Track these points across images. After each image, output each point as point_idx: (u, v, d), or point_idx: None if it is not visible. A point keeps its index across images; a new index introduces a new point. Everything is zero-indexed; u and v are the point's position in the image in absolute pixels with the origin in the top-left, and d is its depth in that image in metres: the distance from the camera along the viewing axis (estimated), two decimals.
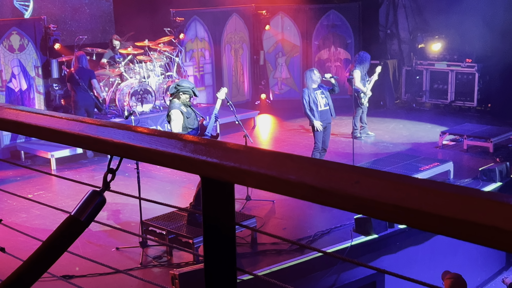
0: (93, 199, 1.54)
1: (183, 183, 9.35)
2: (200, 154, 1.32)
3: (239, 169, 1.25)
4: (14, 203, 8.51)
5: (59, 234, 1.49)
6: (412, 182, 1.08)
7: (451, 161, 9.07)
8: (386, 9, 15.44)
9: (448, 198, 1.02)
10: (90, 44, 12.27)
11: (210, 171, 1.30)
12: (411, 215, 1.04)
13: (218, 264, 1.34)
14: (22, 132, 1.81)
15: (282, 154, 1.26)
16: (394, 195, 1.06)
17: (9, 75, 10.98)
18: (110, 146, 1.48)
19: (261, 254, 6.82)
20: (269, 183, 1.22)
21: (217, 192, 1.35)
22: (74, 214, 1.52)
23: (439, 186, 1.06)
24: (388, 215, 1.08)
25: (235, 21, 14.22)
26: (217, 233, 1.34)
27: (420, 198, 1.04)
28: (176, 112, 6.95)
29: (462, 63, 13.85)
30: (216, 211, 1.35)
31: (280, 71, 14.92)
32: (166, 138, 1.42)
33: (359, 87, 11.31)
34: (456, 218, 0.99)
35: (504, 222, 0.96)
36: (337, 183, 1.11)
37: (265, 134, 12.83)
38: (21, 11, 11.93)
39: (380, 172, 1.13)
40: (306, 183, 1.14)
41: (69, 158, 10.50)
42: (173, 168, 1.41)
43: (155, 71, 12.00)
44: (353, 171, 1.13)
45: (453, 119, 13.06)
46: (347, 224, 7.44)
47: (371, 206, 1.08)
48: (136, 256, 6.78)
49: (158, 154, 1.39)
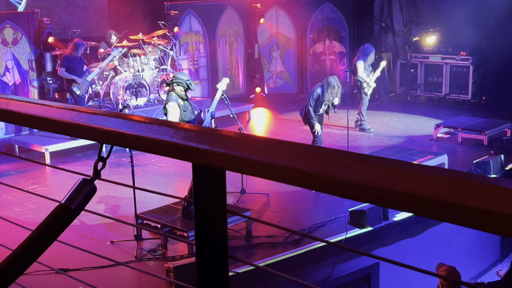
0: (84, 187, 1.53)
1: (178, 176, 9.33)
2: (191, 141, 1.31)
3: (230, 156, 1.24)
4: (8, 197, 8.49)
5: (49, 223, 1.47)
6: (403, 167, 1.08)
7: (445, 154, 9.08)
8: (380, 2, 15.41)
9: (440, 182, 1.01)
10: (83, 37, 12.20)
11: (201, 158, 1.29)
12: (403, 199, 1.03)
13: (209, 251, 1.33)
14: (13, 121, 1.79)
15: (273, 140, 1.25)
16: (385, 179, 1.06)
17: (2, 69, 10.93)
18: (101, 134, 1.46)
19: (256, 247, 6.82)
20: (260, 169, 1.21)
21: (208, 179, 1.34)
22: (64, 202, 1.51)
23: (431, 170, 1.05)
24: (380, 200, 1.07)
25: (229, 14, 14.18)
26: (209, 220, 1.33)
27: (411, 182, 1.03)
28: (173, 104, 6.90)
29: (456, 56, 13.85)
30: (208, 198, 1.34)
31: (275, 64, 14.90)
32: (157, 126, 1.41)
33: (362, 77, 11.29)
34: (448, 202, 0.99)
35: (497, 205, 0.95)
36: (328, 168, 1.11)
37: (260, 127, 12.82)
38: (15, 5, 11.86)
39: (371, 157, 1.12)
40: (298, 168, 1.13)
41: (64, 152, 10.47)
42: (164, 156, 1.39)
43: (149, 65, 11.96)
44: (345, 156, 1.12)
45: (447, 112, 13.07)
46: (342, 217, 7.45)
47: (363, 190, 1.07)
48: (130, 250, 6.77)
49: (149, 141, 1.38)
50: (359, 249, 6.40)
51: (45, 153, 10.18)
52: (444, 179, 1.02)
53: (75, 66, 10.63)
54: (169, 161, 9.77)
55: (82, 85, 10.65)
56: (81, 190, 1.52)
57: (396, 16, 15.37)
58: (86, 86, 10.76)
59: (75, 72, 10.63)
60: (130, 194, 7.45)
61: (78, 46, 10.61)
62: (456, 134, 10.89)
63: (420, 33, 14.56)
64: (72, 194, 1.52)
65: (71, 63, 10.60)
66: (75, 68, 10.64)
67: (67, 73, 10.58)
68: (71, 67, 10.60)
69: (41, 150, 10.28)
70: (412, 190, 1.02)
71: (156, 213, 6.99)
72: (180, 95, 6.96)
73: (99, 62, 11.50)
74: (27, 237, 1.48)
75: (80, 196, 1.51)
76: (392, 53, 15.14)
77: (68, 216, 1.49)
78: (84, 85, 10.69)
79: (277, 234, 7.00)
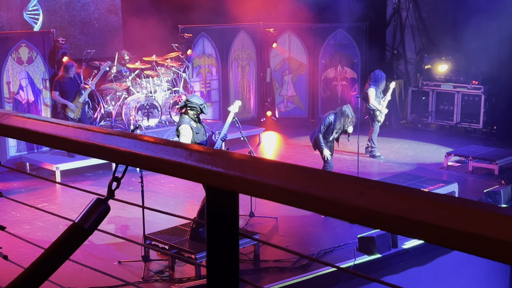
0: (98, 207, 1.54)
1: (187, 198, 9.34)
2: (205, 163, 1.33)
3: (244, 179, 1.25)
4: (18, 215, 8.52)
5: (62, 241, 1.49)
6: (416, 194, 1.08)
7: (456, 183, 9.04)
8: (393, 29, 15.50)
9: (453, 210, 1.02)
10: (98, 58, 12.35)
11: (215, 180, 1.31)
12: (416, 227, 1.03)
13: (221, 273, 1.34)
14: (29, 139, 1.82)
15: (286, 165, 1.26)
16: (398, 206, 1.06)
17: (17, 87, 11.04)
18: (116, 154, 1.48)
19: (263, 271, 6.79)
20: (273, 193, 1.22)
21: (221, 201, 1.35)
22: (78, 221, 1.52)
23: (444, 199, 1.06)
24: (392, 227, 1.08)
25: (242, 38, 14.29)
26: (221, 242, 1.34)
27: (425, 210, 1.03)
28: (185, 127, 6.92)
29: (468, 84, 13.86)
30: (220, 220, 1.35)
31: (286, 88, 14.95)
32: (172, 147, 1.43)
33: (374, 105, 11.31)
34: (462, 231, 0.99)
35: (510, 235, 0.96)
36: (341, 194, 1.12)
37: (270, 151, 12.83)
38: (31, 24, 12.03)
39: (385, 183, 1.13)
40: (311, 193, 1.14)
41: (74, 171, 10.52)
42: (179, 177, 1.41)
43: (162, 86, 12.06)
44: (358, 182, 1.13)
45: (458, 141, 13.04)
46: (351, 243, 7.41)
47: (375, 217, 1.08)
48: (138, 270, 6.76)
49: (164, 162, 1.40)
50: (367, 275, 6.32)
51: (56, 171, 10.24)
52: (458, 208, 1.03)
53: (67, 89, 10.70)
54: (179, 183, 9.78)
55: (75, 108, 10.71)
56: (95, 209, 1.53)
57: (408, 43, 15.43)
58: (79, 108, 10.81)
59: (67, 95, 10.69)
60: (139, 215, 7.46)
61: (68, 68, 10.68)
62: (467, 162, 10.85)
63: (432, 61, 14.59)
64: (86, 213, 1.53)
65: (63, 86, 10.67)
66: (68, 91, 10.71)
67: (60, 97, 10.67)
68: (64, 90, 10.67)
69: (51, 169, 10.34)
70: (425, 218, 1.03)
71: (165, 234, 6.99)
72: (193, 118, 7.00)
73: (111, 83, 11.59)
74: (41, 255, 1.49)
75: (93, 216, 1.53)
76: (403, 80, 15.17)
77: (81, 235, 1.51)
78: (77, 108, 10.75)
79: (285, 259, 6.97)
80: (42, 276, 1.48)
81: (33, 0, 11.93)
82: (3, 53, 10.84)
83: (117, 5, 13.77)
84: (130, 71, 12.00)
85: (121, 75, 11.88)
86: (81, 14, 13.23)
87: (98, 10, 13.50)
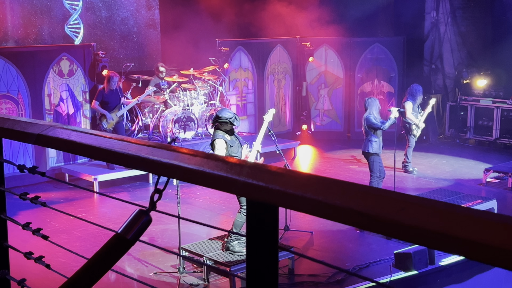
0: (140, 218, 1.57)
1: (222, 210, 9.38)
2: (246, 177, 1.35)
3: (284, 193, 1.27)
4: (57, 224, 8.66)
5: (105, 251, 1.52)
6: (458, 211, 1.08)
7: (494, 199, 8.88)
8: (431, 43, 15.37)
9: (496, 228, 1.01)
10: (136, 71, 12.55)
11: (256, 194, 1.32)
12: (457, 244, 1.03)
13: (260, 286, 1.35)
14: (74, 151, 1.86)
15: (327, 179, 1.27)
16: (440, 223, 1.06)
17: (57, 99, 11.28)
18: (159, 167, 1.51)
19: (298, 285, 6.76)
20: (314, 208, 1.23)
21: (262, 215, 1.37)
22: (120, 232, 1.55)
23: (486, 216, 1.05)
24: (433, 243, 1.08)
25: (279, 52, 14.35)
26: (261, 255, 1.35)
27: (466, 227, 1.03)
28: (220, 141, 7.00)
29: (508, 100, 13.64)
30: (260, 233, 1.36)
31: (322, 102, 14.94)
32: (213, 161, 1.45)
33: (411, 119, 11.22)
34: (504, 248, 0.99)
35: None
36: (383, 209, 1.12)
37: (305, 164, 12.81)
38: (72, 38, 12.29)
39: (426, 199, 1.13)
40: (352, 208, 1.15)
41: (112, 182, 10.67)
42: (219, 190, 1.43)
43: (199, 99, 12.18)
44: (399, 197, 1.14)
45: (497, 157, 12.82)
46: (387, 259, 7.33)
47: (416, 233, 1.08)
48: (173, 282, 6.80)
49: (205, 176, 1.42)
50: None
51: (94, 182, 10.40)
52: (499, 225, 1.03)
53: (109, 100, 10.93)
54: (214, 195, 9.83)
55: (110, 120, 10.91)
56: (137, 220, 1.56)
57: (447, 58, 15.28)
58: (114, 122, 11.00)
59: (108, 106, 10.92)
60: (175, 227, 7.51)
61: (111, 80, 10.90)
62: (506, 179, 10.66)
63: (471, 75, 14.41)
64: (128, 224, 1.56)
65: (106, 97, 10.91)
66: (109, 102, 10.94)
67: (99, 107, 10.91)
68: (105, 100, 10.91)
69: (90, 180, 10.50)
70: (467, 234, 1.02)
71: (200, 246, 7.03)
72: (226, 131, 7.07)
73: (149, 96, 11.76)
74: (84, 264, 1.52)
75: (136, 226, 1.56)
76: (441, 95, 15.01)
77: (123, 246, 1.54)
78: (112, 121, 10.94)
79: (319, 274, 6.93)
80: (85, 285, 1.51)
81: (74, 14, 12.20)
82: (44, 66, 11.10)
83: (156, 19, 13.98)
84: (168, 84, 12.15)
85: (159, 88, 12.04)
86: (120, 28, 13.48)
87: (138, 25, 13.73)
